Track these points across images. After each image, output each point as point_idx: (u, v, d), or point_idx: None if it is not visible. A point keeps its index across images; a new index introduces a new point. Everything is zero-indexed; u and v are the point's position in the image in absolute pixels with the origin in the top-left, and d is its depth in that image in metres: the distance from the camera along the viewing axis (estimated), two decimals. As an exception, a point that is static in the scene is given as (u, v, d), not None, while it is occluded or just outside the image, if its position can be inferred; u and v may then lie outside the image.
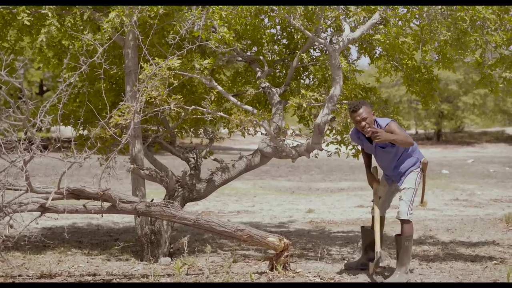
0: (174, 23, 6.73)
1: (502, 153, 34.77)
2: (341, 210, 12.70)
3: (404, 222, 5.88)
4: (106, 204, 5.87)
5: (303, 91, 6.76)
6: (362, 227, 6.56)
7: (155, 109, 6.39)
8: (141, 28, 7.01)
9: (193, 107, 6.73)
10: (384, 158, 6.05)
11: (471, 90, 39.02)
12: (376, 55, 8.09)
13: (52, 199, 5.68)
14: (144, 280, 5.82)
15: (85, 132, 7.84)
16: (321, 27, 7.00)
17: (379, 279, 5.94)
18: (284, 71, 8.53)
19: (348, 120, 6.68)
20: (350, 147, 7.62)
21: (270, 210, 12.68)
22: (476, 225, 10.12)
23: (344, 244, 8.37)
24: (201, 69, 6.89)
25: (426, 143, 41.63)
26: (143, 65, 6.39)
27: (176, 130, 7.96)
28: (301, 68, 8.17)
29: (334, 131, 7.31)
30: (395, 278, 5.79)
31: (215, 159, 7.54)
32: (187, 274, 6.03)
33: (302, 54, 7.40)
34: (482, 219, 10.88)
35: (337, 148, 7.53)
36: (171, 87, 6.44)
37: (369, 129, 5.76)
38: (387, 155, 6.00)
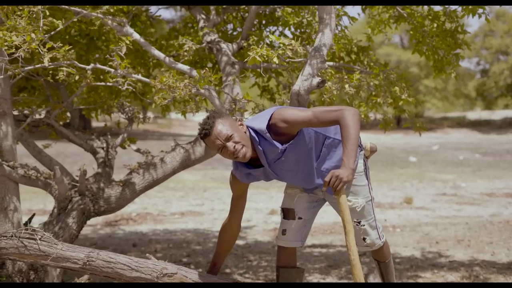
0: None
1: (466, 138, 32.94)
2: (309, 210, 10.25)
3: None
4: None
5: (272, 37, 4.17)
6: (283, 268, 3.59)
7: (23, 68, 3.78)
8: None
9: (92, 65, 4.12)
10: (295, 169, 3.31)
11: (432, 73, 37.13)
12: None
13: None
14: None
15: None
16: None
17: None
18: (239, 28, 6.07)
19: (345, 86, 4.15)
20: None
21: (222, 211, 10.19)
22: (490, 233, 7.72)
23: (328, 267, 5.99)
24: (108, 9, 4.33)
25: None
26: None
27: (81, 107, 5.40)
28: (264, 15, 5.63)
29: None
30: None
31: (137, 150, 5.01)
32: None
33: (267, -10, 4.89)
34: (492, 223, 8.50)
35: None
36: (52, 33, 3.84)
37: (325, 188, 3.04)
38: (297, 161, 3.28)
